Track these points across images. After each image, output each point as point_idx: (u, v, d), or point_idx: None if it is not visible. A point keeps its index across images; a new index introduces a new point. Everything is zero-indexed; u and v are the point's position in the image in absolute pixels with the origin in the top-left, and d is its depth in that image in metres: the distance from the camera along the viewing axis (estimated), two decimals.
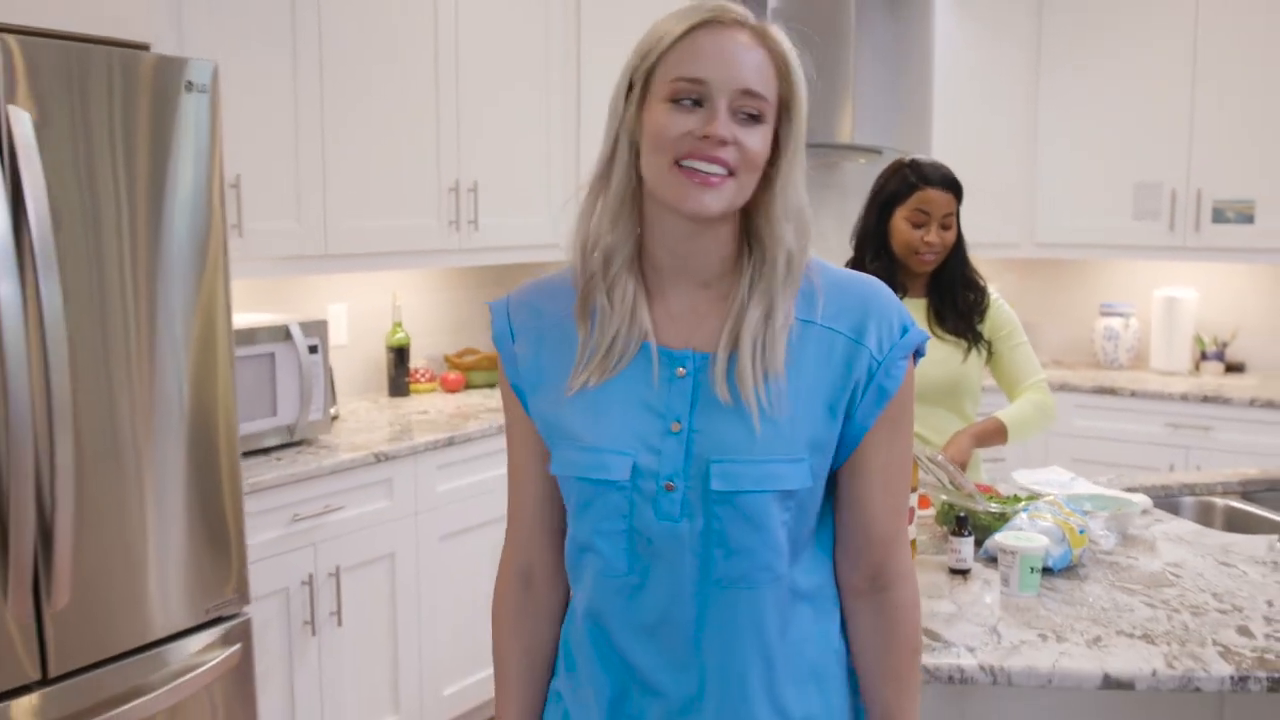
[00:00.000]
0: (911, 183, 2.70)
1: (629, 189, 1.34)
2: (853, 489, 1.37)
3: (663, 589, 1.33)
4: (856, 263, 2.79)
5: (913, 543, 2.17)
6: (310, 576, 3.09)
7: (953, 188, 2.71)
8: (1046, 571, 2.10)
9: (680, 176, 1.27)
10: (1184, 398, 4.39)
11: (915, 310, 2.77)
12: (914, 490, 2.16)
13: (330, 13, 3.41)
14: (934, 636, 1.81)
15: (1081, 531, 2.15)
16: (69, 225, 2.24)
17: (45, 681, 2.27)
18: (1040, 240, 4.96)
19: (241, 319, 3.32)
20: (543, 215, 4.32)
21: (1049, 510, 2.17)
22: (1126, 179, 4.74)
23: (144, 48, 2.56)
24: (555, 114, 4.32)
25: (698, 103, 1.29)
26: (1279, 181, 4.44)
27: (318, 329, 3.36)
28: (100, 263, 2.31)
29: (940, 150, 4.77)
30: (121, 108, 2.34)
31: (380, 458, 3.27)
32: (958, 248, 2.77)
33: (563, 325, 1.39)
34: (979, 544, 2.21)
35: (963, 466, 2.60)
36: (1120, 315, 4.94)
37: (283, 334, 3.25)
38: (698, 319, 1.36)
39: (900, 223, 2.70)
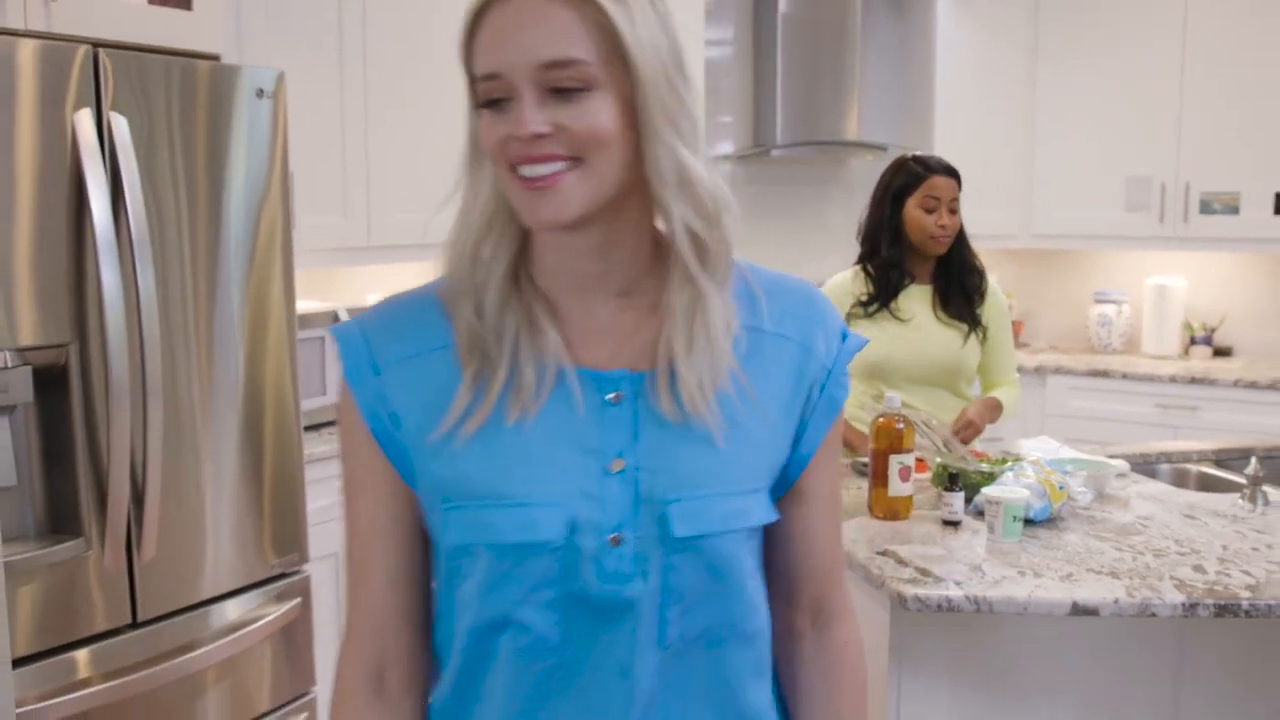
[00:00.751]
0: (919, 173, 2.97)
1: (497, 193, 1.13)
2: (797, 518, 1.19)
3: (607, 663, 1.10)
4: (871, 254, 3.04)
5: (909, 499, 2.44)
6: None
7: (955, 175, 2.99)
8: (1029, 522, 2.36)
9: (519, 187, 1.07)
10: (1172, 379, 4.64)
11: (921, 297, 3.02)
12: (910, 452, 2.42)
13: (374, 16, 3.68)
14: (925, 573, 2.07)
15: (1061, 488, 2.41)
16: (160, 219, 2.51)
17: (135, 625, 2.53)
18: (1037, 231, 5.21)
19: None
20: None
21: (1032, 469, 2.43)
22: (1119, 173, 5.00)
23: (215, 58, 2.82)
24: None
25: (507, 98, 1.07)
26: (1263, 175, 4.68)
27: None
28: (189, 253, 2.58)
29: (941, 146, 5.02)
30: (202, 113, 2.61)
31: None
32: (961, 236, 3.03)
33: (440, 354, 1.13)
34: (970, 500, 2.47)
35: (979, 428, 2.91)
36: (1113, 302, 5.19)
37: (332, 319, 3.52)
38: (625, 333, 1.13)
39: (913, 211, 2.95)
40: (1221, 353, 5.08)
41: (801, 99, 5.01)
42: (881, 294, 2.99)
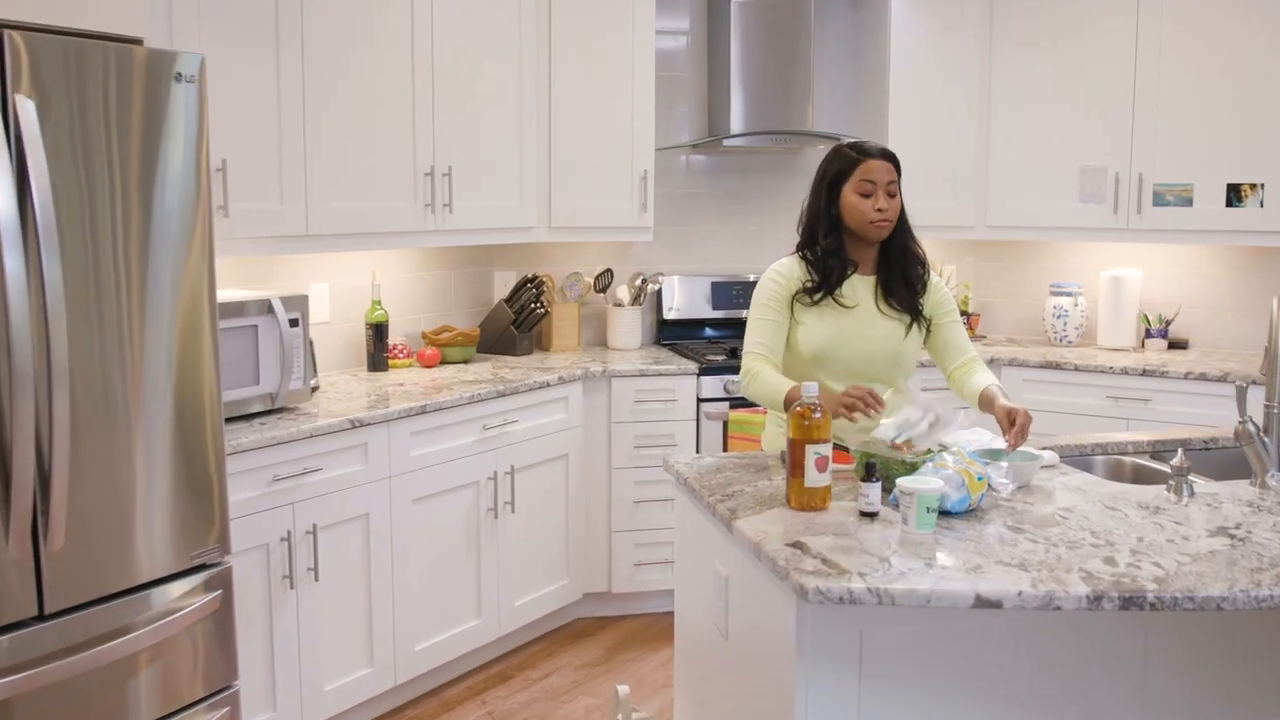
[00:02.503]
0: (853, 157, 2.93)
1: None
2: None
3: None
4: (808, 243, 3.00)
5: (827, 489, 2.41)
6: (289, 533, 3.32)
7: (892, 159, 2.94)
8: (945, 514, 2.33)
9: None
10: (1125, 371, 4.62)
11: (864, 287, 2.98)
12: (826, 442, 2.39)
13: (311, 3, 3.63)
14: (831, 565, 2.04)
15: (980, 479, 2.38)
16: (68, 205, 2.46)
17: (41, 618, 2.48)
18: (992, 223, 5.19)
19: (227, 293, 3.54)
20: (515, 199, 4.55)
21: (952, 460, 2.40)
22: (1073, 164, 4.97)
23: (137, 42, 2.76)
24: (528, 100, 4.54)
25: None
26: (1215, 167, 4.67)
27: (298, 303, 3.58)
28: (96, 239, 2.53)
29: (896, 137, 5.00)
30: (115, 97, 2.55)
31: (356, 424, 3.50)
32: (903, 222, 2.99)
33: None
34: (890, 491, 2.44)
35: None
36: (1069, 294, 5.17)
37: (265, 307, 3.47)
38: None
39: (850, 196, 2.90)
40: (1177, 345, 5.06)
41: (756, 89, 4.97)
42: (825, 282, 2.96)
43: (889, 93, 5.07)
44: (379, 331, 4.34)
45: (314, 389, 3.82)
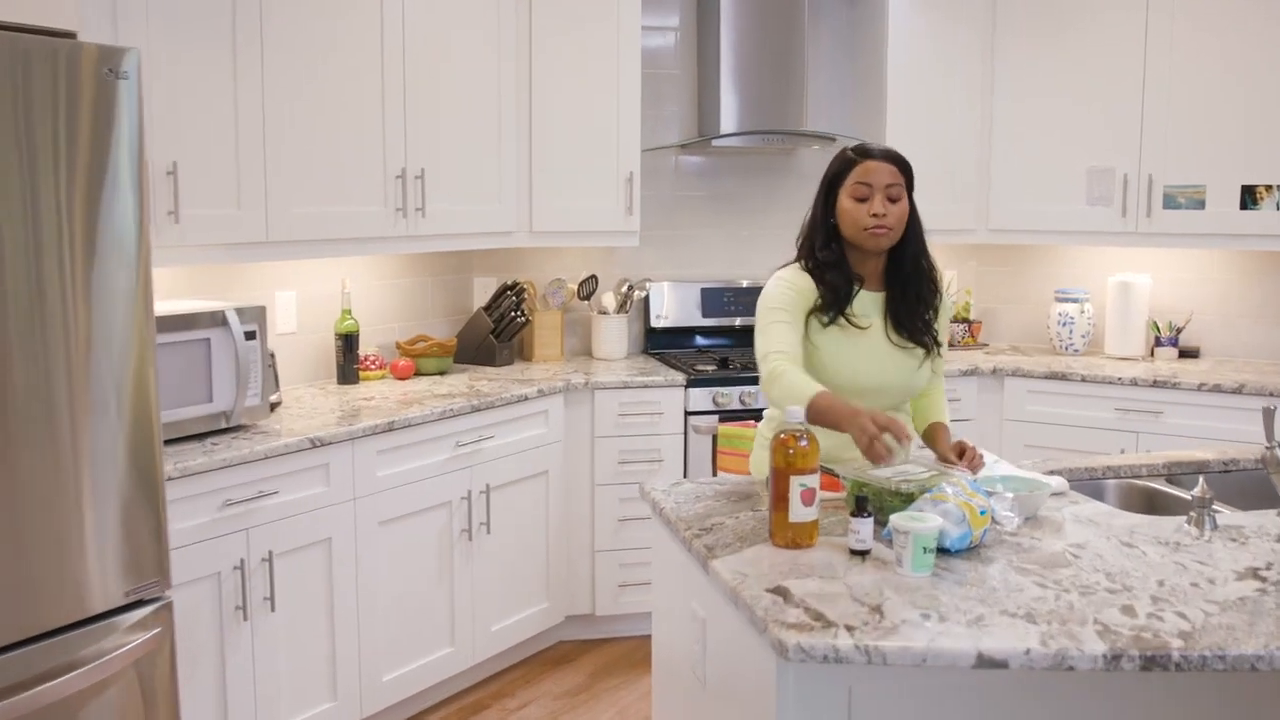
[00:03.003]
0: (850, 159, 2.64)
1: None
2: None
3: None
4: (807, 253, 2.71)
5: (814, 524, 2.19)
6: (242, 561, 3.10)
7: (896, 160, 2.62)
8: (944, 552, 2.11)
9: None
10: (1134, 382, 4.40)
11: (873, 305, 2.69)
12: (813, 472, 2.17)
13: (271, 2, 3.41)
14: (816, 616, 1.81)
15: (983, 512, 2.15)
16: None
17: None
18: (994, 226, 4.97)
19: (178, 305, 3.33)
20: (494, 203, 4.33)
21: (952, 491, 2.17)
22: (1079, 164, 4.75)
23: (70, 35, 2.55)
24: (507, 101, 4.32)
25: None
26: (1229, 168, 4.44)
27: (255, 315, 3.35)
28: (28, 248, 2.31)
29: (894, 136, 4.77)
30: (45, 95, 2.34)
31: (316, 443, 3.28)
32: (914, 232, 2.68)
33: None
34: (884, 525, 2.22)
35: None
36: (1075, 301, 4.95)
37: (219, 319, 3.25)
38: None
39: (845, 201, 2.62)
40: (1188, 354, 4.84)
41: (747, 86, 4.75)
42: (835, 300, 2.65)
43: (886, 90, 4.85)
44: (349, 342, 4.12)
45: (275, 405, 3.60)
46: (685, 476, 4.37)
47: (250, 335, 3.32)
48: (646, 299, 4.95)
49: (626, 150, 4.55)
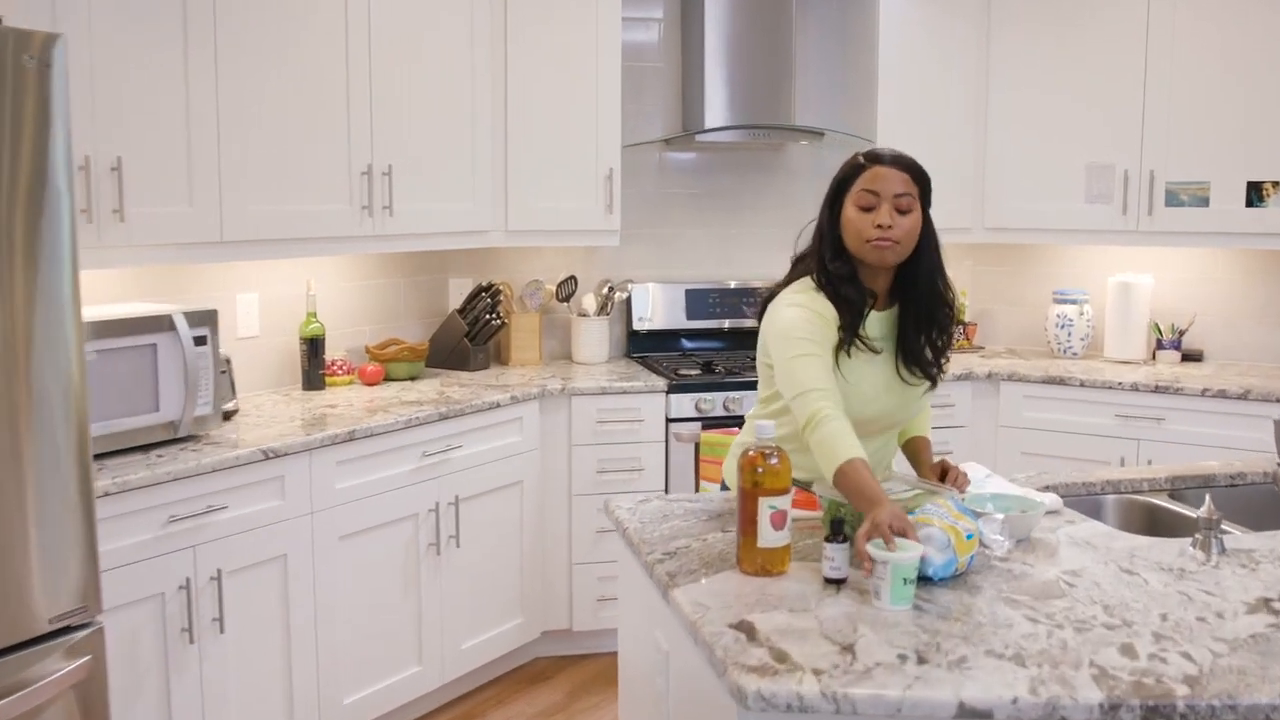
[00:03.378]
0: (859, 164, 2.36)
1: None
2: None
3: None
4: (819, 267, 2.41)
5: (785, 549, 2.01)
6: (188, 581, 2.92)
7: (908, 168, 2.34)
8: (926, 581, 1.93)
9: None
10: (1135, 388, 4.21)
11: (880, 327, 2.42)
12: (784, 493, 1.99)
13: None
14: (780, 656, 1.63)
15: (970, 537, 1.97)
16: None
17: None
18: (990, 224, 4.78)
19: (122, 308, 3.15)
20: (468, 201, 4.15)
21: (935, 513, 1.99)
22: (1078, 160, 4.57)
23: None
24: (481, 94, 4.14)
25: None
26: (1233, 163, 4.26)
27: (206, 318, 3.18)
28: None
29: (886, 131, 4.60)
30: None
31: (269, 454, 3.10)
32: (927, 248, 2.38)
33: None
34: None
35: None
36: (1074, 302, 4.77)
37: (166, 324, 3.07)
38: None
39: (850, 210, 2.34)
40: (1191, 357, 4.65)
41: (733, 79, 4.57)
42: (851, 323, 2.35)
43: (878, 83, 4.66)
44: (314, 346, 3.94)
45: (230, 413, 3.42)
46: (667, 486, 4.20)
47: (200, 340, 3.14)
48: (629, 301, 4.77)
49: (606, 146, 4.37)
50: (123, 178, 3.02)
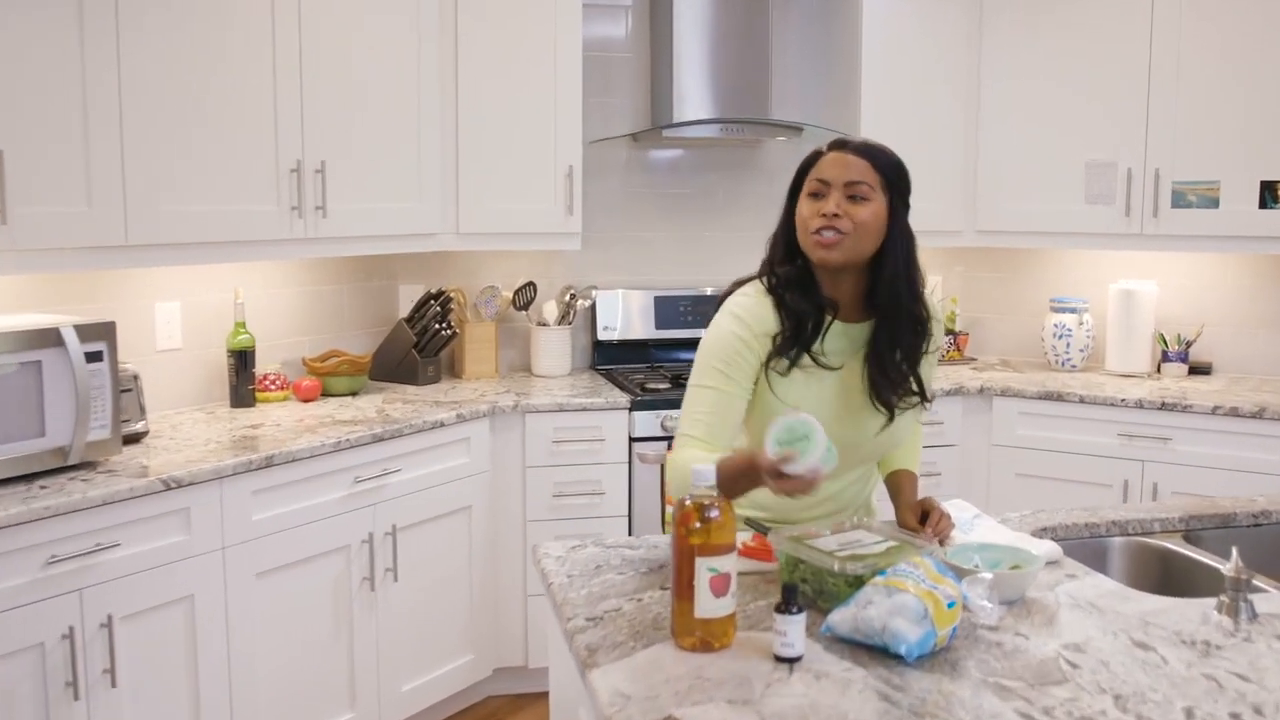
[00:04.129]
0: (818, 151, 2.07)
1: None
2: None
3: None
4: (767, 268, 2.13)
5: (729, 619, 1.67)
6: (72, 629, 2.57)
7: (870, 155, 2.03)
8: (900, 660, 1.59)
9: None
10: (1139, 404, 3.88)
11: (849, 341, 2.10)
12: (727, 552, 1.65)
13: None
14: None
15: (951, 605, 1.64)
16: None
17: None
18: (982, 227, 4.44)
19: (1, 321, 2.81)
20: (413, 200, 3.81)
21: (910, 576, 1.65)
22: (1077, 158, 4.23)
23: None
24: (428, 84, 3.81)
25: None
26: (1245, 161, 3.93)
27: (102, 332, 2.83)
28: None
29: (870, 126, 4.27)
30: None
31: (171, 484, 2.75)
32: (894, 248, 2.05)
33: None
34: (827, 611, 1.71)
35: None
36: (1072, 311, 4.44)
37: (53, 339, 2.72)
38: None
39: (801, 201, 2.05)
40: (1199, 370, 4.32)
41: (705, 70, 4.23)
42: (796, 335, 2.06)
43: (861, 74, 4.33)
44: (243, 359, 3.60)
45: (137, 436, 3.08)
46: (630, 511, 3.87)
47: (94, 356, 2.80)
48: (593, 308, 4.43)
49: (567, 141, 4.03)
50: (3, 174, 2.68)
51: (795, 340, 2.05)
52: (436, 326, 4.00)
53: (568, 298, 4.29)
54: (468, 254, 4.32)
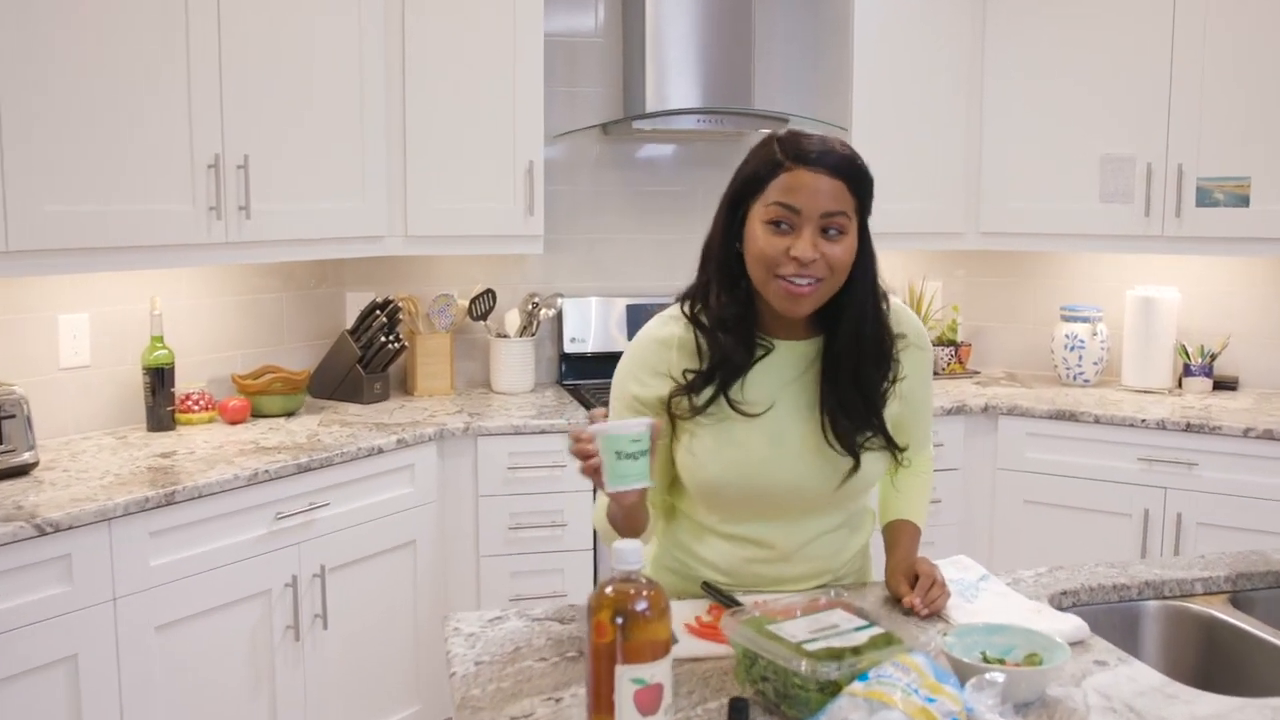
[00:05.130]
0: (776, 161, 1.67)
1: None
2: None
3: None
4: (699, 292, 1.79)
5: None
6: None
7: (846, 173, 1.65)
8: None
9: None
10: (1161, 425, 3.49)
11: (794, 361, 1.77)
12: (656, 660, 1.26)
13: None
14: None
15: None
16: None
17: None
18: (986, 228, 4.05)
19: None
20: (355, 199, 3.43)
21: (898, 684, 1.27)
22: (1091, 152, 3.84)
23: None
24: (372, 71, 3.42)
25: None
26: (1279, 154, 3.54)
27: None
28: None
29: (862, 120, 3.90)
30: None
31: (46, 529, 2.37)
32: (863, 278, 1.73)
33: None
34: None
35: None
36: (1085, 320, 4.05)
37: None
38: None
39: (757, 226, 1.68)
40: (1224, 385, 3.94)
41: (681, 57, 3.85)
42: (717, 371, 1.73)
43: (854, 62, 3.93)
44: (160, 377, 3.22)
45: (23, 469, 2.70)
46: (595, 544, 3.48)
47: None
48: (559, 318, 4.04)
49: (526, 134, 3.65)
50: None
51: (708, 380, 1.73)
52: (383, 339, 3.62)
53: (530, 307, 3.91)
54: (423, 259, 3.94)
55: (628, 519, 1.69)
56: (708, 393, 1.73)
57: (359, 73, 3.38)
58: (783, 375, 1.77)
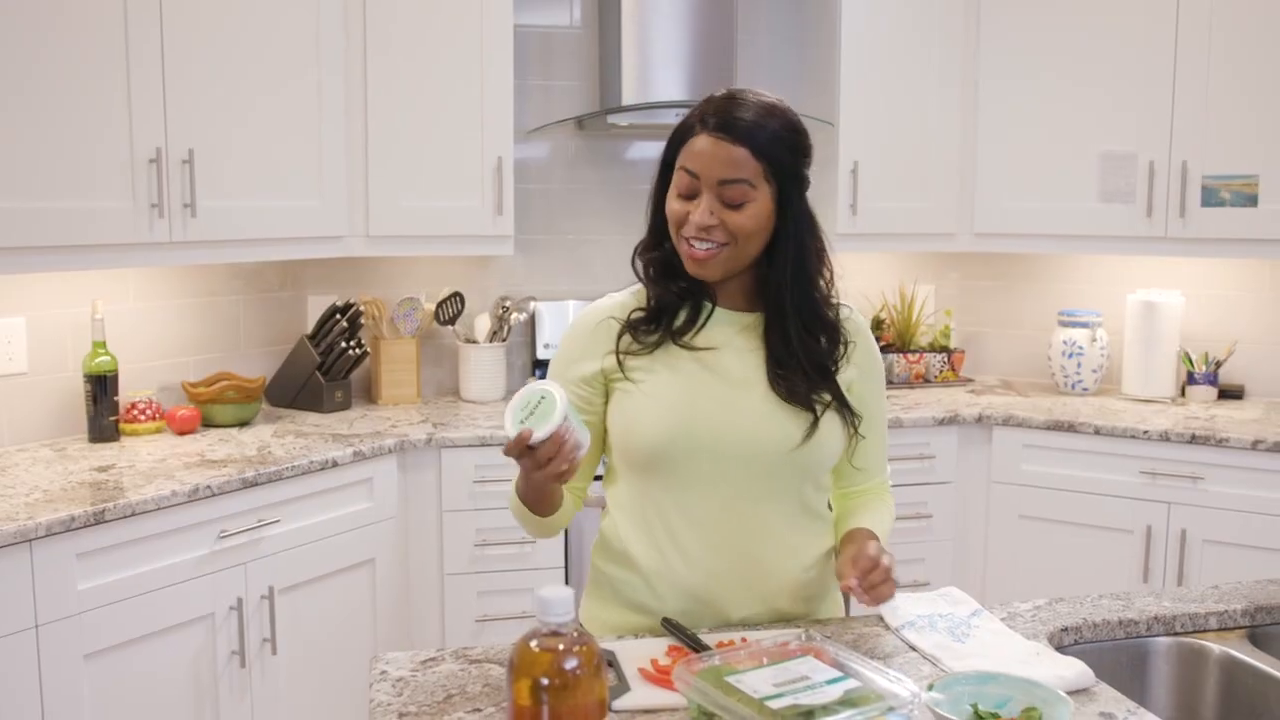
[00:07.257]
0: (689, 124, 1.64)
1: None
2: None
3: None
4: (638, 248, 1.78)
5: None
6: None
7: (747, 138, 1.57)
8: None
9: None
10: (1165, 437, 3.31)
11: (737, 329, 1.71)
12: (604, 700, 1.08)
13: None
14: None
15: None
16: None
17: None
18: (981, 229, 3.87)
19: None
20: (312, 198, 3.25)
21: None
22: (1090, 150, 3.66)
23: None
24: (330, 61, 3.24)
25: None
26: None
27: None
28: None
29: (850, 115, 3.72)
30: None
31: None
32: (788, 251, 1.65)
33: None
34: None
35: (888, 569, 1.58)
36: (1084, 326, 3.86)
37: None
38: None
39: (670, 194, 1.67)
40: (1229, 394, 3.76)
41: (659, 48, 3.67)
42: (660, 314, 1.71)
43: (840, 54, 3.75)
44: (102, 385, 3.03)
45: None
46: (566, 561, 3.30)
47: None
48: (532, 322, 3.86)
49: (495, 129, 3.46)
50: None
51: (655, 320, 1.71)
52: (343, 345, 3.43)
53: (501, 311, 3.72)
54: (391, 261, 3.75)
55: (538, 495, 1.68)
56: (654, 337, 1.70)
57: (316, 62, 3.20)
58: (732, 341, 1.70)
